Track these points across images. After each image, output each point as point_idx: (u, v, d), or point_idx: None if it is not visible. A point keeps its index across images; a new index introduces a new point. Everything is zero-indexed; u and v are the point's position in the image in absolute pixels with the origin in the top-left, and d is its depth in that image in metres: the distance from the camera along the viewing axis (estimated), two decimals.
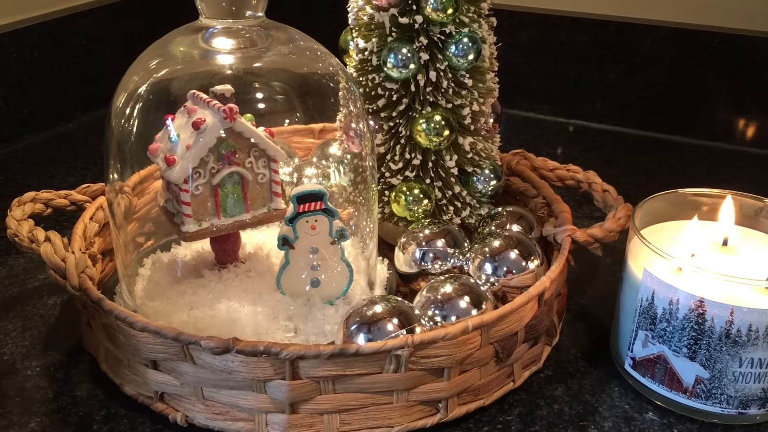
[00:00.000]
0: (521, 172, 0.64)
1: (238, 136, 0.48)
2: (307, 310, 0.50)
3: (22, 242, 0.50)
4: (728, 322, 0.43)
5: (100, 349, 0.49)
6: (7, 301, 0.57)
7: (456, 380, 0.45)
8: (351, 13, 0.57)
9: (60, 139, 0.84)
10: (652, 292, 0.46)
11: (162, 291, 0.51)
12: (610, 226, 0.53)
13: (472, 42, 0.53)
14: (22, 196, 0.55)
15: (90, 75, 0.89)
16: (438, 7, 0.52)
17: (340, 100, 0.55)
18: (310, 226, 0.49)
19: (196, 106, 0.49)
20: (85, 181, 0.74)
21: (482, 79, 0.56)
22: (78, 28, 0.87)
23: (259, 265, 0.53)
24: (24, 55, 0.81)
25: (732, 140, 0.85)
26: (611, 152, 0.84)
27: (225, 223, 0.50)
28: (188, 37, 0.47)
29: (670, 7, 0.85)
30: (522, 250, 0.52)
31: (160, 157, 0.49)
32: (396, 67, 0.54)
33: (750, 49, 0.81)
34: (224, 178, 0.49)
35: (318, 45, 0.51)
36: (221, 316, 0.48)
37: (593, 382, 0.50)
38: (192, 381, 0.44)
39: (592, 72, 0.89)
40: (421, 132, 0.55)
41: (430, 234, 0.55)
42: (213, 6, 0.46)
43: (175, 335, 0.42)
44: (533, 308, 0.48)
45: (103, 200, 0.57)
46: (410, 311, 0.46)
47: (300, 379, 0.42)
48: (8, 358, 0.51)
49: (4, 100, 0.80)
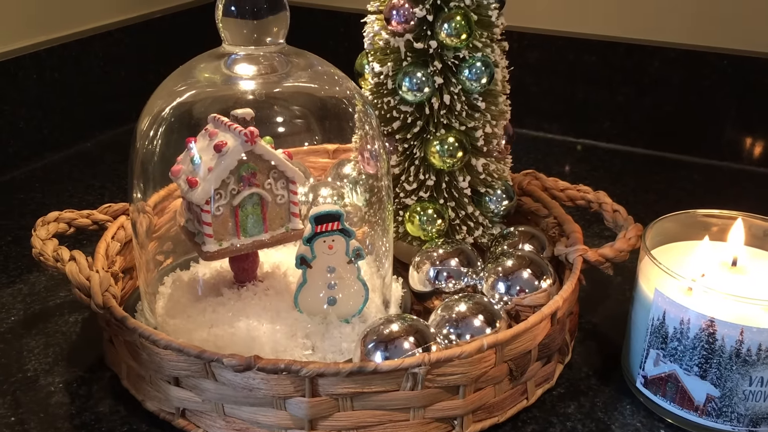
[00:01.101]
0: (533, 192, 0.65)
1: (258, 159, 0.49)
2: (324, 328, 0.51)
3: (47, 261, 0.51)
4: (738, 341, 0.44)
5: (122, 365, 0.50)
6: (30, 319, 0.58)
7: (471, 398, 0.46)
8: (367, 37, 0.58)
9: (78, 158, 0.86)
10: (663, 311, 0.47)
11: (182, 309, 0.52)
12: (621, 246, 0.54)
13: (485, 66, 0.55)
14: (46, 216, 0.57)
15: (107, 95, 0.91)
16: (452, 32, 0.53)
17: (357, 123, 0.56)
18: (328, 246, 0.50)
19: (217, 129, 0.50)
20: (102, 199, 0.76)
21: (495, 101, 0.58)
22: (96, 50, 0.89)
23: (277, 284, 0.54)
24: (44, 76, 0.83)
25: (740, 160, 0.86)
26: (620, 172, 0.85)
27: (244, 242, 0.51)
28: (212, 63, 0.49)
29: (678, 29, 0.86)
30: (534, 270, 0.53)
31: (182, 179, 0.50)
32: (411, 90, 0.55)
33: (758, 70, 0.82)
34: (244, 199, 0.50)
35: (335, 69, 0.53)
36: (241, 333, 0.49)
37: (605, 400, 0.51)
38: (213, 398, 0.45)
39: (601, 92, 0.90)
40: (435, 153, 0.56)
41: (444, 253, 0.56)
42: (236, 33, 0.47)
43: (197, 353, 0.43)
44: (546, 327, 0.49)
45: (124, 219, 0.59)
46: (426, 330, 0.47)
47: (319, 396, 0.43)
48: (32, 375, 0.52)
49: (25, 121, 0.82)
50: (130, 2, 0.95)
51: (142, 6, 0.97)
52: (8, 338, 0.56)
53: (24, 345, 0.55)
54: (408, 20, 0.54)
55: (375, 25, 0.57)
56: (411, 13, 0.54)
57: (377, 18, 0.57)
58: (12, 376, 0.52)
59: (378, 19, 0.57)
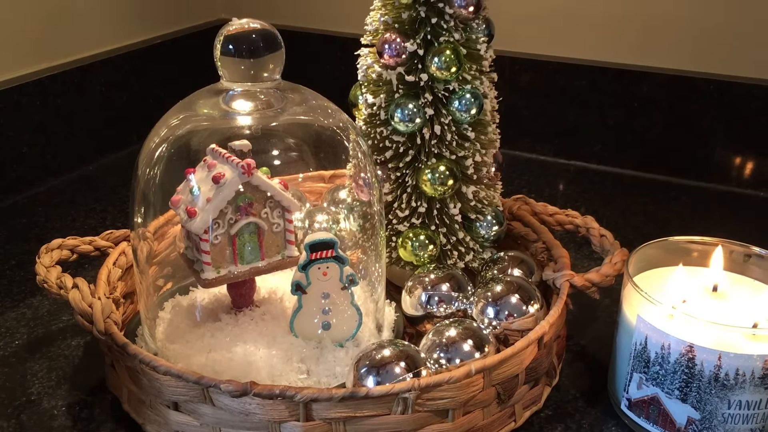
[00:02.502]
0: (522, 217, 0.66)
1: (255, 189, 0.51)
2: (319, 352, 0.53)
3: (50, 288, 0.53)
4: (717, 366, 0.46)
5: (123, 389, 0.52)
6: (33, 342, 0.60)
7: (460, 421, 0.47)
8: (360, 69, 0.60)
9: (80, 182, 0.88)
10: (645, 336, 0.48)
11: (182, 334, 0.54)
12: (607, 271, 0.56)
13: (474, 98, 0.57)
14: (49, 243, 0.58)
15: (108, 119, 0.93)
16: (442, 66, 0.56)
17: (350, 152, 0.58)
18: (322, 273, 0.52)
19: (215, 161, 0.52)
20: (104, 223, 0.78)
21: (484, 131, 0.59)
22: (97, 75, 0.91)
23: (273, 309, 0.56)
24: (47, 102, 0.85)
25: (727, 182, 0.88)
26: (610, 193, 0.87)
27: (242, 270, 0.53)
28: (210, 99, 0.51)
29: (666, 55, 0.88)
30: (522, 295, 0.54)
31: (181, 209, 0.52)
32: (403, 121, 0.57)
33: (743, 95, 0.84)
34: (242, 228, 0.52)
35: (328, 103, 0.55)
36: (238, 358, 0.51)
37: (591, 421, 0.52)
38: (211, 422, 0.47)
39: (592, 116, 0.93)
40: (426, 181, 0.58)
41: (436, 278, 0.57)
42: (233, 71, 0.49)
43: (196, 379, 0.45)
44: (533, 351, 0.50)
45: (125, 246, 0.60)
46: (416, 355, 0.48)
47: (313, 421, 0.45)
48: (35, 398, 0.54)
49: (28, 146, 0.84)
50: (130, 29, 0.98)
51: (141, 32, 0.99)
52: (12, 362, 0.57)
53: (28, 369, 0.57)
54: (399, 54, 0.56)
55: (368, 58, 0.59)
56: (402, 47, 0.56)
57: (370, 51, 0.59)
58: (16, 399, 0.54)
59: (371, 53, 0.59)
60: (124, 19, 0.96)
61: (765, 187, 0.86)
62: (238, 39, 0.48)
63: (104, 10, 0.93)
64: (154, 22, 1.01)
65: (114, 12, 0.95)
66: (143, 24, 0.99)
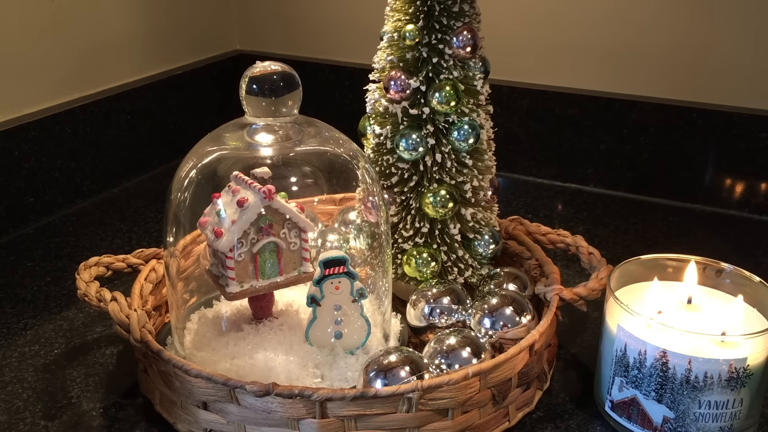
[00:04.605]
0: (517, 236, 0.72)
1: (274, 212, 0.57)
2: (332, 359, 0.58)
3: (91, 301, 0.59)
4: (687, 369, 0.51)
5: (155, 392, 0.57)
6: (71, 352, 0.66)
7: (459, 419, 0.53)
8: (368, 103, 0.66)
9: (106, 204, 0.94)
10: (625, 344, 0.54)
11: (207, 343, 0.60)
12: (593, 286, 0.62)
13: (472, 128, 0.63)
14: (87, 261, 0.64)
15: (132, 145, 1.00)
16: (442, 100, 0.62)
17: (359, 178, 0.64)
18: (335, 287, 0.58)
19: (239, 186, 0.58)
20: (130, 242, 0.84)
21: (481, 158, 0.65)
22: (123, 104, 0.97)
23: (290, 320, 0.61)
24: (78, 130, 0.91)
25: (712, 203, 0.93)
26: (602, 214, 0.93)
27: (262, 284, 0.59)
28: (236, 132, 0.57)
29: (652, 85, 0.94)
30: (516, 307, 0.60)
31: (208, 229, 0.58)
32: (407, 150, 0.63)
33: (724, 122, 0.90)
34: (263, 247, 0.58)
35: (340, 134, 0.61)
36: (259, 364, 0.56)
37: (579, 422, 0.58)
38: (236, 419, 0.52)
39: (585, 141, 0.98)
40: (428, 204, 0.64)
41: (437, 292, 0.63)
42: (256, 108, 0.55)
43: (224, 380, 0.51)
44: (525, 357, 0.56)
45: (154, 263, 0.66)
46: (420, 360, 0.54)
47: (328, 418, 0.51)
48: (75, 401, 0.59)
49: (60, 171, 0.90)
50: (152, 61, 1.04)
51: (163, 64, 1.06)
52: (52, 369, 0.63)
53: (67, 375, 0.63)
54: (404, 90, 0.62)
55: (376, 93, 0.65)
56: (407, 84, 0.62)
57: (378, 87, 0.65)
58: (58, 402, 0.59)
59: (378, 88, 0.65)
60: (147, 52, 1.03)
61: (747, 207, 0.91)
62: (261, 80, 0.55)
63: (130, 44, 1.00)
64: (175, 54, 1.08)
65: (138, 46, 1.02)
66: (164, 56, 1.06)
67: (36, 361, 0.64)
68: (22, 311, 0.71)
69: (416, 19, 0.61)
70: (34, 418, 0.57)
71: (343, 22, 1.11)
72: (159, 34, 1.04)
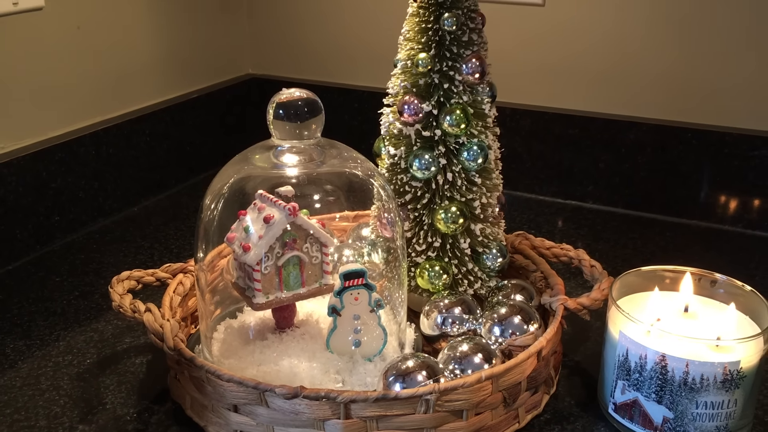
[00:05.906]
0: (523, 250, 0.76)
1: (298, 228, 0.61)
2: (352, 365, 0.62)
3: (125, 312, 0.63)
4: (685, 372, 0.55)
5: (186, 397, 0.61)
6: (103, 361, 0.69)
7: (473, 420, 0.57)
8: (383, 126, 0.71)
9: (127, 222, 0.98)
10: (627, 349, 0.58)
11: (234, 351, 0.64)
12: (596, 296, 0.66)
13: (481, 149, 0.67)
14: (119, 275, 0.68)
15: (151, 165, 1.04)
16: (453, 123, 0.66)
17: (375, 195, 0.68)
18: (354, 298, 0.62)
19: (264, 204, 0.62)
20: (152, 258, 0.88)
21: (489, 177, 0.70)
22: (143, 126, 1.02)
23: (311, 330, 0.65)
24: (101, 151, 0.96)
25: (707, 218, 0.97)
26: (602, 229, 0.97)
27: (286, 295, 0.62)
28: (263, 154, 0.62)
29: (649, 106, 0.99)
30: (524, 316, 0.64)
31: (236, 244, 0.62)
32: (420, 169, 0.67)
33: (718, 142, 0.94)
34: (287, 260, 0.61)
35: (357, 154, 0.65)
36: (285, 370, 0.60)
37: (584, 423, 0.61)
38: (266, 421, 0.56)
39: (585, 160, 1.03)
40: (440, 220, 0.68)
41: (449, 303, 0.67)
42: (282, 131, 0.60)
43: (254, 384, 0.55)
44: (533, 363, 0.60)
45: (181, 276, 0.70)
46: (435, 365, 0.58)
47: (351, 419, 0.54)
48: (110, 407, 0.63)
49: (84, 191, 0.94)
50: (170, 85, 1.09)
51: (180, 88, 1.11)
52: (86, 377, 0.67)
53: (100, 383, 0.66)
54: (417, 113, 0.67)
55: (390, 116, 0.70)
56: (419, 108, 0.67)
57: (392, 111, 0.70)
58: (94, 408, 0.63)
59: (393, 112, 0.69)
60: (165, 77, 1.08)
61: (740, 222, 0.96)
62: (286, 105, 0.59)
63: (149, 69, 1.05)
64: (191, 79, 1.12)
65: (157, 71, 1.06)
66: (181, 81, 1.11)
67: (70, 370, 0.68)
68: (53, 324, 0.75)
69: (428, 48, 0.66)
70: (72, 423, 0.61)
71: (350, 47, 1.16)
72: (176, 60, 1.09)
